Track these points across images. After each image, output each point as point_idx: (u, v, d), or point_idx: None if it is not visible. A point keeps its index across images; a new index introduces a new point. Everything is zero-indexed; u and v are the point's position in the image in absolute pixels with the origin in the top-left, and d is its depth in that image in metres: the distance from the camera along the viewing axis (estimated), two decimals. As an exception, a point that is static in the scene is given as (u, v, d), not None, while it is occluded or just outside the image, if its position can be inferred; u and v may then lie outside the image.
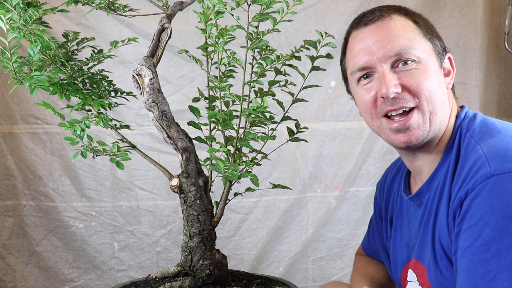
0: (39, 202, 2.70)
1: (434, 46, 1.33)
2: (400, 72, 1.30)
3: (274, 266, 2.85)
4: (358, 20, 1.36)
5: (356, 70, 1.34)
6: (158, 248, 2.78)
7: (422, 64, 1.30)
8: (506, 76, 2.86)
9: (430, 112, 1.29)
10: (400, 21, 1.32)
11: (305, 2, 2.68)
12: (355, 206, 2.86)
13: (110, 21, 2.66)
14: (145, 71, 1.36)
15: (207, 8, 1.32)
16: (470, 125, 1.32)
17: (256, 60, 1.46)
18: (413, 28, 1.32)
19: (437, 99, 1.29)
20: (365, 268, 1.67)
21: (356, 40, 1.35)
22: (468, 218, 1.17)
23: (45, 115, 2.67)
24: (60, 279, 2.74)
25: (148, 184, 2.75)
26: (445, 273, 1.28)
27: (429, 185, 1.34)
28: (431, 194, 1.33)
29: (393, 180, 1.56)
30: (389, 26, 1.31)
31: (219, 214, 1.49)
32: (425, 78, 1.29)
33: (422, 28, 1.33)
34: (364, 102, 1.34)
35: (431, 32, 1.35)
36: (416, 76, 1.29)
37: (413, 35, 1.31)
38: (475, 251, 1.15)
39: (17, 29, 1.28)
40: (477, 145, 1.24)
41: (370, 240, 1.69)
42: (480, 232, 1.14)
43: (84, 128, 1.37)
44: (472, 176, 1.18)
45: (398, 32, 1.31)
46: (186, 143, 1.40)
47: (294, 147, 2.79)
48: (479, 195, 1.16)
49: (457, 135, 1.32)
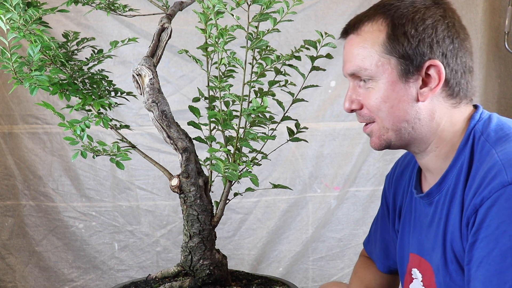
0: (39, 202, 2.70)
1: (398, 61, 1.27)
2: (360, 88, 1.32)
3: (274, 266, 2.85)
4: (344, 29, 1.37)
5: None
6: (158, 248, 2.78)
7: (375, 83, 1.29)
8: (506, 76, 2.86)
9: (388, 128, 1.30)
10: (365, 36, 1.30)
11: (305, 2, 2.68)
12: (355, 206, 2.86)
13: (110, 21, 2.66)
14: (145, 71, 1.36)
15: (207, 8, 1.32)
16: (484, 128, 1.29)
17: (256, 60, 1.46)
18: (375, 44, 1.28)
19: (392, 118, 1.29)
20: (363, 273, 1.66)
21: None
22: (485, 228, 1.15)
23: (45, 115, 2.67)
24: (60, 279, 2.74)
25: (148, 184, 2.75)
26: (455, 278, 1.27)
27: (439, 187, 1.33)
28: (441, 196, 1.32)
29: (402, 173, 1.55)
30: (352, 44, 1.32)
31: (219, 214, 1.49)
32: (375, 98, 1.29)
33: (394, 39, 1.27)
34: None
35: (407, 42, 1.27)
36: (370, 96, 1.30)
37: (368, 53, 1.29)
38: (492, 261, 1.13)
39: (17, 29, 1.28)
40: (492, 149, 1.22)
41: (372, 235, 1.68)
42: (496, 242, 1.13)
43: (84, 128, 1.37)
44: (488, 183, 1.16)
45: (356, 51, 1.30)
46: (186, 143, 1.40)
47: (294, 147, 2.79)
48: (495, 204, 1.14)
49: (471, 138, 1.29)
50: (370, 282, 1.62)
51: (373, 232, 1.67)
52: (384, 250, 1.61)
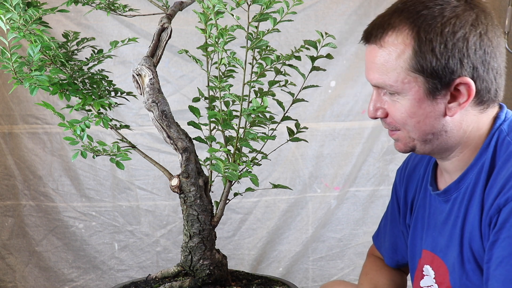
0: (39, 202, 2.70)
1: (426, 81, 1.22)
2: (387, 97, 1.28)
3: (274, 266, 2.85)
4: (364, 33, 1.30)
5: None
6: (158, 248, 2.78)
7: (403, 99, 1.25)
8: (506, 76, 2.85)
9: (415, 139, 1.28)
10: (389, 50, 1.23)
11: (305, 2, 2.68)
12: (355, 206, 2.86)
13: (110, 21, 2.66)
14: (145, 71, 1.36)
15: (207, 8, 1.32)
16: (510, 128, 1.27)
17: (256, 60, 1.46)
18: (399, 59, 1.22)
19: (420, 132, 1.27)
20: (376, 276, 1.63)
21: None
22: (508, 228, 1.15)
23: (45, 115, 2.66)
24: (60, 279, 2.74)
25: (148, 184, 2.75)
26: (471, 277, 1.26)
27: (458, 185, 1.31)
28: (459, 194, 1.31)
29: (415, 168, 1.53)
30: (375, 55, 1.25)
31: (219, 214, 1.49)
32: (401, 113, 1.25)
33: (422, 56, 1.20)
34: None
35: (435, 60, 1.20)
36: (396, 109, 1.26)
37: (394, 69, 1.23)
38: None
39: (17, 29, 1.28)
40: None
41: (381, 229, 1.67)
42: None
43: (84, 128, 1.37)
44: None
45: (380, 64, 1.24)
46: (186, 143, 1.40)
47: (294, 147, 2.79)
48: None
49: (494, 137, 1.27)
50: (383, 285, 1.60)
51: (382, 226, 1.66)
52: (393, 245, 1.60)
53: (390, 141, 2.79)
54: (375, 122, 2.73)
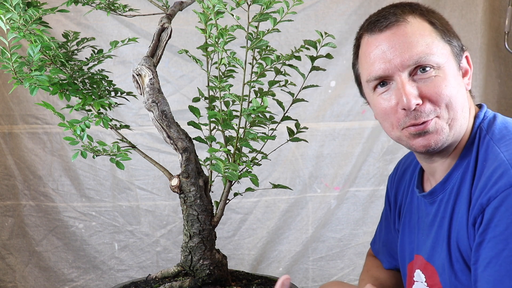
0: (39, 202, 2.70)
1: (452, 48, 1.28)
2: (419, 80, 1.24)
3: (274, 266, 2.85)
4: (372, 25, 1.30)
5: (373, 78, 1.29)
6: (158, 248, 2.78)
7: (441, 70, 1.24)
8: (506, 76, 2.85)
9: (451, 118, 1.25)
10: (417, 25, 1.26)
11: (305, 2, 2.68)
12: (355, 206, 2.86)
13: (110, 21, 2.66)
14: (145, 71, 1.36)
15: (207, 8, 1.32)
16: (489, 126, 1.28)
17: (256, 60, 1.46)
18: (430, 31, 1.26)
19: (458, 105, 1.25)
20: (377, 271, 1.65)
21: (371, 46, 1.29)
22: (493, 228, 1.14)
23: (45, 115, 2.66)
24: (60, 279, 2.74)
25: (148, 184, 2.75)
26: (460, 277, 1.26)
27: (443, 186, 1.32)
28: (445, 195, 1.31)
29: (404, 173, 1.54)
30: (406, 32, 1.25)
31: (219, 214, 1.49)
32: (445, 85, 1.24)
33: (439, 29, 1.27)
34: (384, 111, 1.30)
35: (448, 32, 1.29)
36: (436, 84, 1.24)
37: (431, 40, 1.25)
38: (502, 261, 1.12)
39: (17, 29, 1.28)
40: (497, 148, 1.21)
41: (377, 235, 1.68)
42: (507, 242, 1.12)
43: (84, 128, 1.37)
44: (495, 183, 1.15)
45: (416, 38, 1.25)
46: (186, 143, 1.40)
47: (294, 147, 2.79)
48: (503, 204, 1.13)
49: (476, 137, 1.28)
50: (385, 279, 1.61)
51: (378, 232, 1.67)
52: (389, 250, 1.61)
53: (390, 141, 2.79)
54: (375, 122, 2.74)
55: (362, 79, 1.36)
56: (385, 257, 1.62)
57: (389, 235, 1.60)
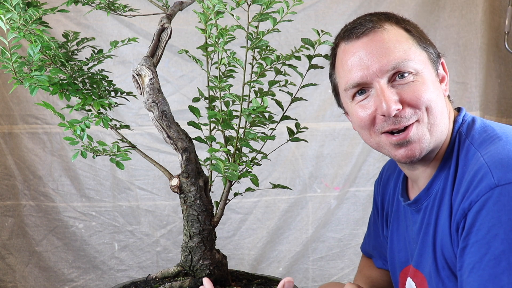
0: (39, 202, 2.70)
1: (428, 55, 1.28)
2: (398, 86, 1.24)
3: (274, 266, 2.85)
4: (348, 33, 1.29)
5: (351, 86, 1.28)
6: (158, 248, 2.78)
7: (419, 76, 1.24)
8: (506, 76, 2.85)
9: (430, 123, 1.25)
10: (393, 32, 1.27)
11: (305, 2, 2.68)
12: (355, 206, 2.86)
13: (110, 21, 2.66)
14: (145, 71, 1.36)
15: (207, 8, 1.32)
16: (468, 130, 1.27)
17: (256, 60, 1.46)
18: (407, 38, 1.27)
19: (437, 109, 1.25)
20: (369, 271, 1.66)
21: (348, 54, 1.28)
22: (475, 232, 1.13)
23: (45, 115, 2.67)
24: (60, 279, 2.74)
25: (148, 184, 2.75)
26: (447, 284, 1.25)
27: (427, 193, 1.31)
28: (429, 202, 1.30)
29: (388, 179, 1.54)
30: (383, 38, 1.25)
31: (219, 214, 1.49)
32: (424, 90, 1.24)
33: (415, 37, 1.28)
34: (361, 120, 1.28)
35: (424, 40, 1.29)
36: (415, 89, 1.23)
37: (408, 46, 1.25)
38: (485, 266, 1.11)
39: (17, 29, 1.28)
40: (477, 152, 1.20)
41: (366, 239, 1.68)
42: (488, 246, 1.11)
43: (84, 128, 1.37)
44: (475, 187, 1.14)
45: (393, 44, 1.25)
46: (186, 143, 1.40)
47: (294, 147, 2.79)
48: (484, 207, 1.12)
49: (456, 142, 1.28)
50: (376, 278, 1.61)
51: (367, 236, 1.68)
52: (379, 253, 1.62)
53: (390, 141, 2.79)
54: (375, 122, 2.74)
55: (340, 89, 1.34)
56: (376, 259, 1.63)
57: (378, 239, 1.60)
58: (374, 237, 1.62)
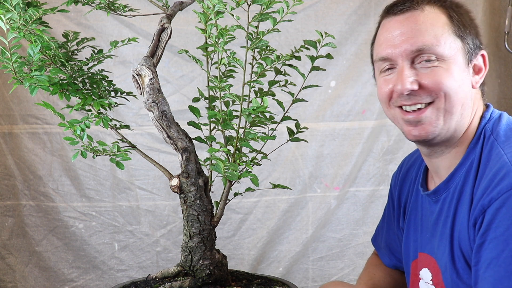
0: (39, 202, 2.70)
1: (464, 44, 1.29)
2: (421, 69, 1.27)
3: (274, 266, 2.85)
4: (389, 8, 1.34)
5: (378, 59, 1.34)
6: (158, 248, 2.78)
7: (445, 63, 1.26)
8: (506, 76, 2.85)
9: (446, 110, 1.27)
10: (431, 15, 1.29)
11: (305, 2, 2.68)
12: (355, 206, 2.86)
13: (110, 21, 2.66)
14: (145, 71, 1.36)
15: (207, 8, 1.32)
16: (494, 127, 1.29)
17: (256, 60, 1.46)
18: (444, 24, 1.28)
19: (456, 99, 1.26)
20: (373, 270, 1.65)
21: (384, 29, 1.34)
22: (494, 229, 1.15)
23: (45, 115, 2.66)
24: (60, 279, 2.74)
25: (148, 184, 2.75)
26: (462, 275, 1.26)
27: (446, 185, 1.32)
28: (448, 194, 1.32)
29: (408, 171, 1.54)
30: (417, 19, 1.28)
31: (219, 214, 1.49)
32: (445, 76, 1.26)
33: (455, 23, 1.29)
34: (381, 93, 1.35)
35: (464, 28, 1.30)
36: (436, 74, 1.26)
37: (441, 32, 1.27)
38: (502, 262, 1.13)
39: (17, 29, 1.28)
40: (501, 150, 1.22)
41: (378, 231, 1.68)
42: (506, 243, 1.13)
43: (84, 128, 1.37)
44: (497, 184, 1.16)
45: (425, 27, 1.27)
46: (186, 143, 1.40)
47: (294, 147, 2.79)
48: (504, 205, 1.13)
49: (481, 137, 1.29)
50: (379, 279, 1.61)
51: (380, 229, 1.67)
52: (389, 247, 1.61)
53: (390, 141, 2.79)
54: (375, 122, 2.74)
55: (373, 59, 1.40)
56: (386, 254, 1.63)
57: (391, 233, 1.60)
58: (387, 231, 1.62)
